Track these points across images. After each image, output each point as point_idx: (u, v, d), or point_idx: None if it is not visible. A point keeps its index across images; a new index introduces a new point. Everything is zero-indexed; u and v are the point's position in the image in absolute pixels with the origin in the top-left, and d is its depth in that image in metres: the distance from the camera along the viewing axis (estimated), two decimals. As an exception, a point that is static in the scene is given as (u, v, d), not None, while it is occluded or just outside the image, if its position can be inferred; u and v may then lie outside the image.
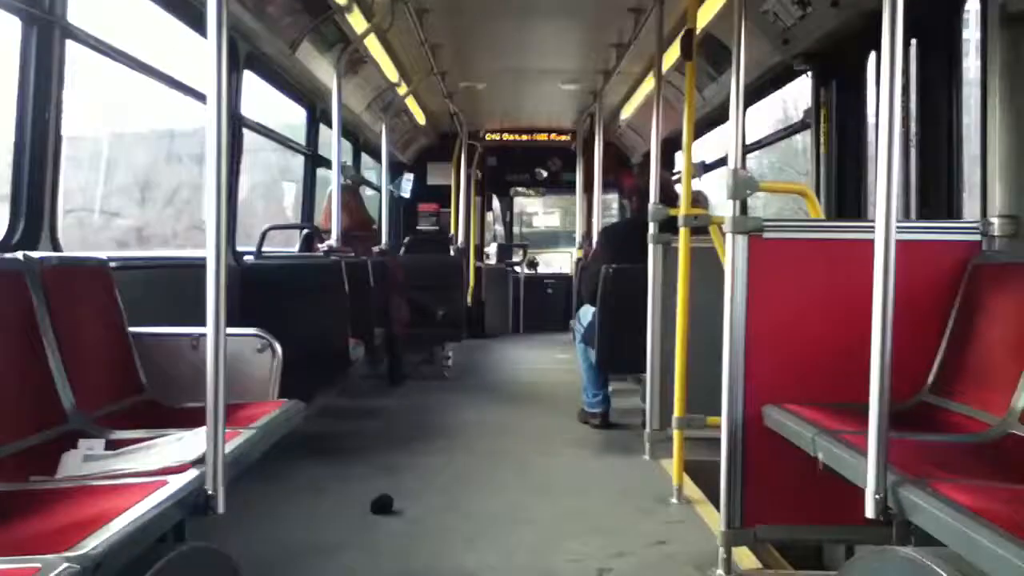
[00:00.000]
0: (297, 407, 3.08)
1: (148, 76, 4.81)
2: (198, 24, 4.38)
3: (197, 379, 2.29)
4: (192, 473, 2.16)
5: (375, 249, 7.07)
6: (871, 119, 4.64)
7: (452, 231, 10.69)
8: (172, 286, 4.02)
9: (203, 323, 2.18)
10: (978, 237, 3.05)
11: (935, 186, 3.78)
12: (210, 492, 2.13)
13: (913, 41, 3.84)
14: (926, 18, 3.68)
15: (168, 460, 2.33)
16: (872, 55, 4.40)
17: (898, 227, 2.15)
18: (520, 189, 12.56)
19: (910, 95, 3.86)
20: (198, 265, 2.23)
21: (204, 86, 2.21)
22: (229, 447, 2.32)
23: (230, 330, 2.27)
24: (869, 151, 4.74)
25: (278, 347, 3.41)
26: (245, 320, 3.76)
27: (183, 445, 2.45)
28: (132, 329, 3.34)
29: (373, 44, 6.75)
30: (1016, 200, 3.05)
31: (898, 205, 2.15)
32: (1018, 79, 3.06)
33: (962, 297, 2.93)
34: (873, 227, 2.13)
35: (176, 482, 2.09)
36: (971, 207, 3.49)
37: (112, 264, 3.40)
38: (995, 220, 3.05)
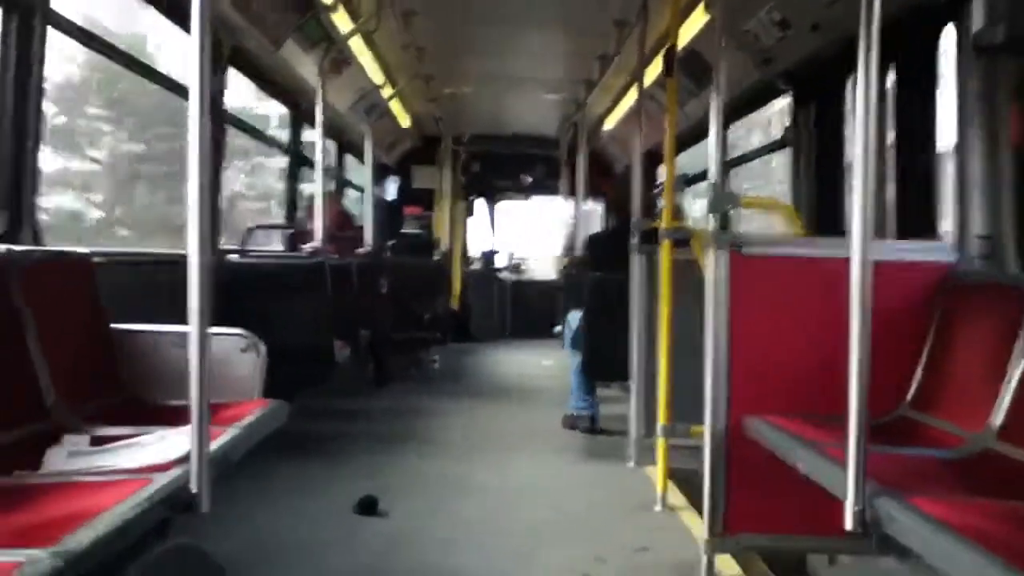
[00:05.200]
0: (282, 407, 3.08)
1: (130, 69, 4.78)
2: (181, 19, 4.36)
3: (180, 377, 2.27)
4: (176, 471, 2.16)
5: (359, 251, 7.07)
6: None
7: (437, 235, 10.68)
8: (155, 281, 4.00)
9: (185, 320, 2.18)
10: (955, 256, 3.13)
11: (914, 206, 3.85)
12: (194, 490, 2.13)
13: (892, 66, 3.93)
14: (904, 45, 3.75)
15: (152, 458, 2.33)
16: (851, 78, 4.48)
17: (875, 246, 2.20)
18: (505, 194, 12.59)
19: (886, 119, 3.93)
20: (181, 261, 2.22)
21: (187, 81, 2.18)
22: (213, 446, 2.32)
23: (214, 329, 2.27)
24: (847, 171, 4.83)
25: (262, 347, 3.40)
26: (229, 318, 3.75)
27: (167, 443, 2.45)
28: (115, 325, 3.32)
29: (358, 45, 6.74)
30: (991, 220, 3.12)
31: (873, 224, 2.19)
32: (991, 105, 3.14)
33: (940, 314, 2.99)
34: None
35: (160, 480, 2.09)
36: (949, 227, 3.56)
37: (95, 259, 3.39)
38: (971, 240, 3.12)
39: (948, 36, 3.52)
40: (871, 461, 2.04)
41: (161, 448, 2.42)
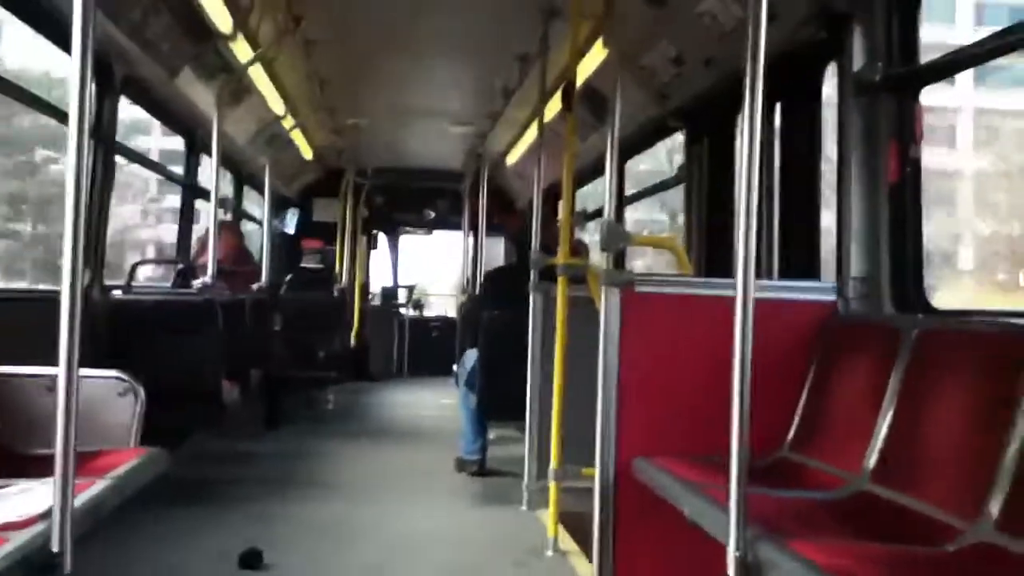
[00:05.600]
0: (159, 455, 2.94)
1: (7, 94, 4.54)
2: (61, 39, 4.14)
3: (51, 424, 2.15)
4: (37, 528, 2.03)
5: (254, 287, 6.89)
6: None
7: (337, 270, 10.49)
8: (34, 322, 3.79)
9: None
10: (835, 297, 3.21)
11: (796, 246, 3.94)
12: (55, 550, 2.00)
13: (779, 105, 4.04)
14: (790, 81, 3.85)
15: (12, 513, 2.18)
16: (740, 115, 4.58)
17: (760, 285, 2.23)
18: (408, 229, 12.50)
19: (773, 156, 4.04)
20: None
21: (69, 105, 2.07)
22: (80, 500, 2.20)
23: (89, 371, 2.16)
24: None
25: (140, 390, 3.24)
26: (112, 359, 3.58)
27: (29, 497, 2.30)
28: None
29: (259, 74, 6.59)
30: (870, 261, 3.22)
31: (761, 264, 2.23)
32: (872, 144, 3.22)
33: (820, 355, 3.07)
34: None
35: (17, 539, 1.96)
36: (830, 267, 3.66)
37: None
38: (851, 281, 3.21)
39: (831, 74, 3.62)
40: (754, 503, 2.06)
41: (22, 502, 2.27)
